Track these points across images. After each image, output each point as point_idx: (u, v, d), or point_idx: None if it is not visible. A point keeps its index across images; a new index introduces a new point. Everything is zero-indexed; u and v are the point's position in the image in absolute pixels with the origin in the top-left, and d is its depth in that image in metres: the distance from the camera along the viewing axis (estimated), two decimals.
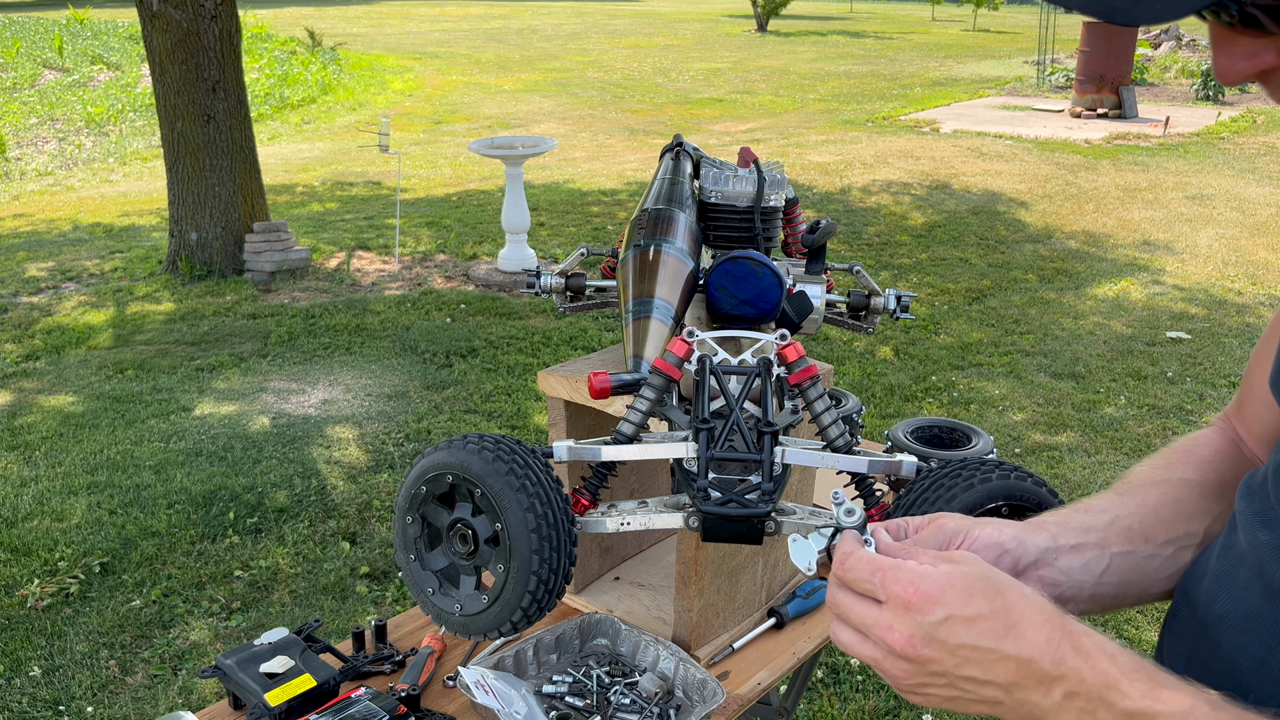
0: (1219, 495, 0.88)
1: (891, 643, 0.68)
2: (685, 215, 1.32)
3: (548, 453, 1.09)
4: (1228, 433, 0.94)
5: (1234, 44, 0.64)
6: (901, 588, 0.68)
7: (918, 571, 0.68)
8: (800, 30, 24.85)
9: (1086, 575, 0.83)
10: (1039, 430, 4.30)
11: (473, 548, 1.04)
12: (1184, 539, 0.86)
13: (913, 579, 0.68)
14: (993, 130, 11.26)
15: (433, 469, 1.04)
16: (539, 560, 0.99)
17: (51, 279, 6.45)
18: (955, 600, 0.67)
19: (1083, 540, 0.84)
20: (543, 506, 0.99)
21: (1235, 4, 0.60)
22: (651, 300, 1.21)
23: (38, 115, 12.35)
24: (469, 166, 10.20)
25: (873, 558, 0.71)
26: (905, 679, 0.69)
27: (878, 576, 0.69)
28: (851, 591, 0.72)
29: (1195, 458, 0.92)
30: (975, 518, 0.82)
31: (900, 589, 0.68)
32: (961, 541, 0.80)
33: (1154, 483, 0.90)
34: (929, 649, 0.67)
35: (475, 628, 1.06)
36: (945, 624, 0.66)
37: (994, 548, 0.80)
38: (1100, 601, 0.84)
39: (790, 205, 1.54)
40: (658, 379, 1.08)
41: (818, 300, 1.33)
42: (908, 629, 0.67)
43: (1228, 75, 0.65)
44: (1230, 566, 0.75)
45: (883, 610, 0.69)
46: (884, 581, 0.69)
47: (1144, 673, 0.64)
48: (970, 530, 0.81)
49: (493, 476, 0.99)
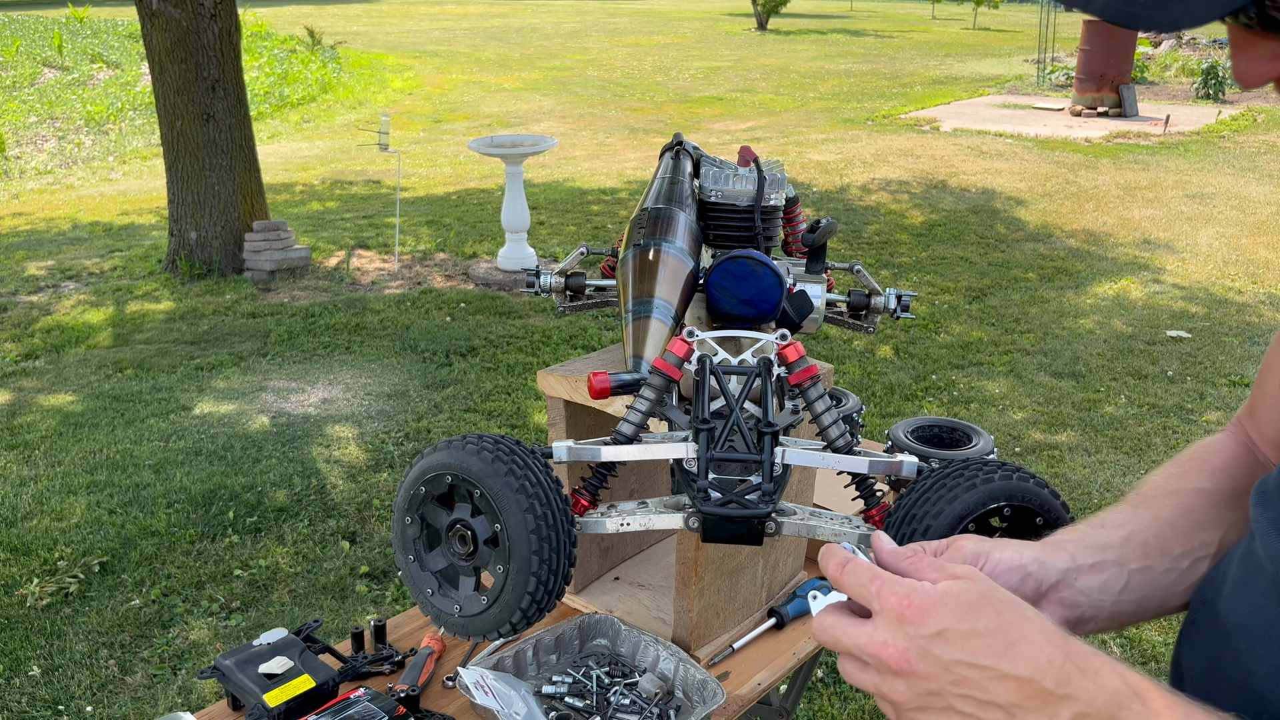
0: (1233, 503, 0.87)
1: (885, 658, 0.66)
2: (685, 215, 1.32)
3: (547, 453, 1.08)
4: (1240, 437, 0.93)
5: (1254, 47, 0.63)
6: (895, 599, 0.66)
7: (913, 585, 0.67)
8: (800, 29, 24.85)
9: (1105, 594, 0.82)
10: (1039, 429, 4.30)
11: (472, 549, 1.03)
12: (1199, 550, 0.85)
13: (907, 591, 0.66)
14: (993, 129, 11.25)
15: (432, 470, 1.04)
16: (538, 561, 0.99)
17: (51, 278, 6.45)
18: (951, 615, 0.64)
19: (1100, 558, 0.82)
20: (542, 507, 0.99)
21: (1256, 7, 0.59)
22: (651, 300, 1.20)
23: (37, 114, 12.35)
24: (469, 165, 10.20)
25: (872, 567, 0.70)
26: (904, 701, 0.67)
27: (874, 585, 0.68)
28: (845, 614, 0.70)
29: (1209, 466, 0.90)
30: (994, 539, 0.81)
31: (894, 600, 0.66)
32: (982, 564, 0.78)
33: (1168, 493, 0.88)
34: (923, 663, 0.64)
35: (474, 629, 1.05)
36: (939, 638, 0.64)
37: (1016, 571, 0.79)
38: (1120, 619, 0.83)
39: (790, 204, 1.53)
40: (658, 379, 1.08)
41: (818, 300, 1.32)
42: (900, 642, 0.65)
43: (1248, 78, 0.64)
44: (1249, 574, 0.74)
45: (875, 624, 0.67)
46: (879, 591, 0.67)
47: (1154, 692, 0.63)
48: (990, 553, 0.79)
49: (492, 477, 0.99)
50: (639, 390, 1.09)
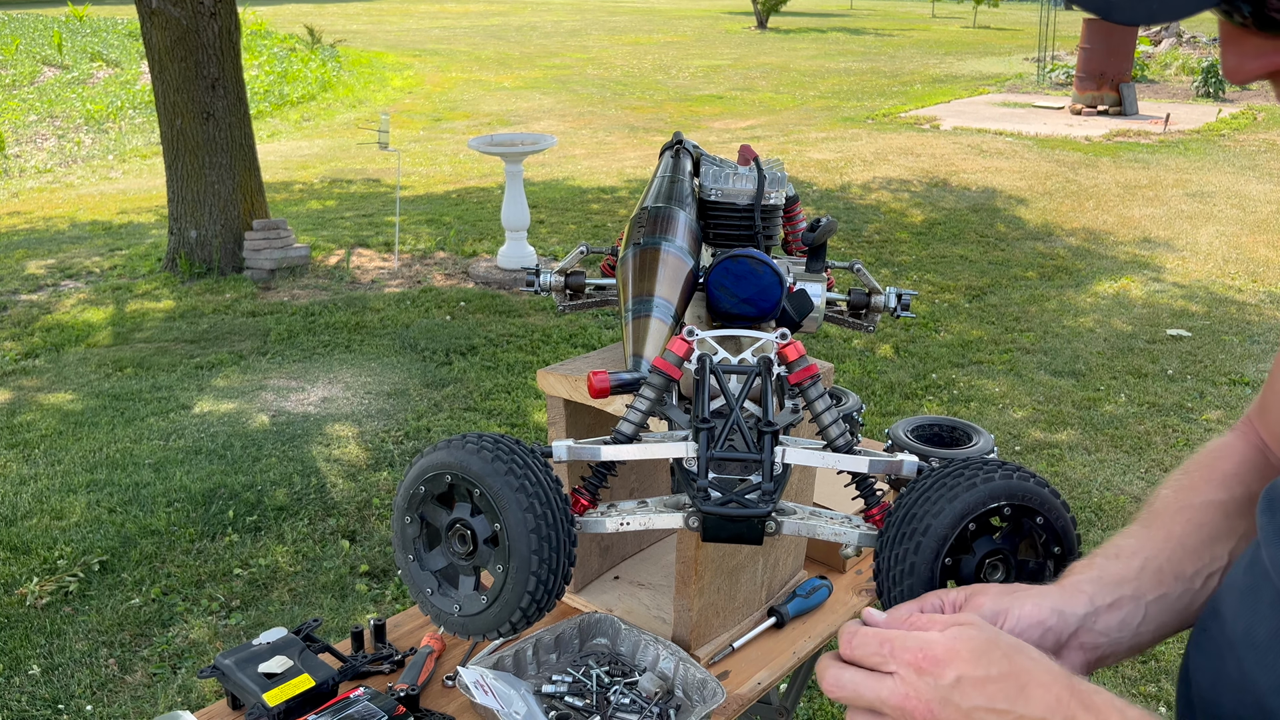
0: (1245, 511, 0.87)
1: (910, 709, 0.68)
2: (685, 213, 1.31)
3: (547, 452, 1.08)
4: (1251, 438, 0.92)
5: (1243, 43, 0.64)
6: (910, 655, 0.69)
7: (924, 638, 0.70)
8: (800, 27, 24.84)
9: (1124, 630, 0.83)
10: (1039, 428, 4.30)
11: (471, 548, 1.03)
12: (1211, 564, 0.85)
13: (920, 644, 0.69)
14: (993, 127, 11.25)
15: (431, 469, 1.04)
16: (538, 560, 0.99)
17: (51, 276, 6.44)
18: (965, 663, 0.68)
19: (1118, 595, 0.83)
20: (542, 506, 0.99)
21: (1250, 5, 0.60)
22: (651, 299, 1.20)
23: (37, 112, 12.34)
24: (468, 164, 10.19)
25: (878, 631, 0.72)
26: None
27: (885, 648, 0.70)
28: (860, 670, 0.72)
29: (1219, 473, 0.90)
30: (1012, 594, 0.81)
31: (910, 656, 0.69)
32: (1002, 622, 0.79)
33: (1179, 509, 0.89)
34: (945, 711, 0.67)
35: (474, 628, 1.05)
36: (958, 686, 0.67)
37: (1037, 627, 0.80)
38: (1139, 649, 0.84)
39: (790, 203, 1.53)
40: (657, 378, 1.08)
41: (818, 299, 1.32)
42: (923, 693, 0.68)
43: (1236, 74, 0.65)
44: (1255, 583, 0.74)
45: (895, 680, 0.69)
46: (892, 651, 0.70)
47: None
48: (1009, 610, 0.80)
49: (491, 476, 0.99)
50: (639, 389, 1.09)
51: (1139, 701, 2.66)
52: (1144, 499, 3.30)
